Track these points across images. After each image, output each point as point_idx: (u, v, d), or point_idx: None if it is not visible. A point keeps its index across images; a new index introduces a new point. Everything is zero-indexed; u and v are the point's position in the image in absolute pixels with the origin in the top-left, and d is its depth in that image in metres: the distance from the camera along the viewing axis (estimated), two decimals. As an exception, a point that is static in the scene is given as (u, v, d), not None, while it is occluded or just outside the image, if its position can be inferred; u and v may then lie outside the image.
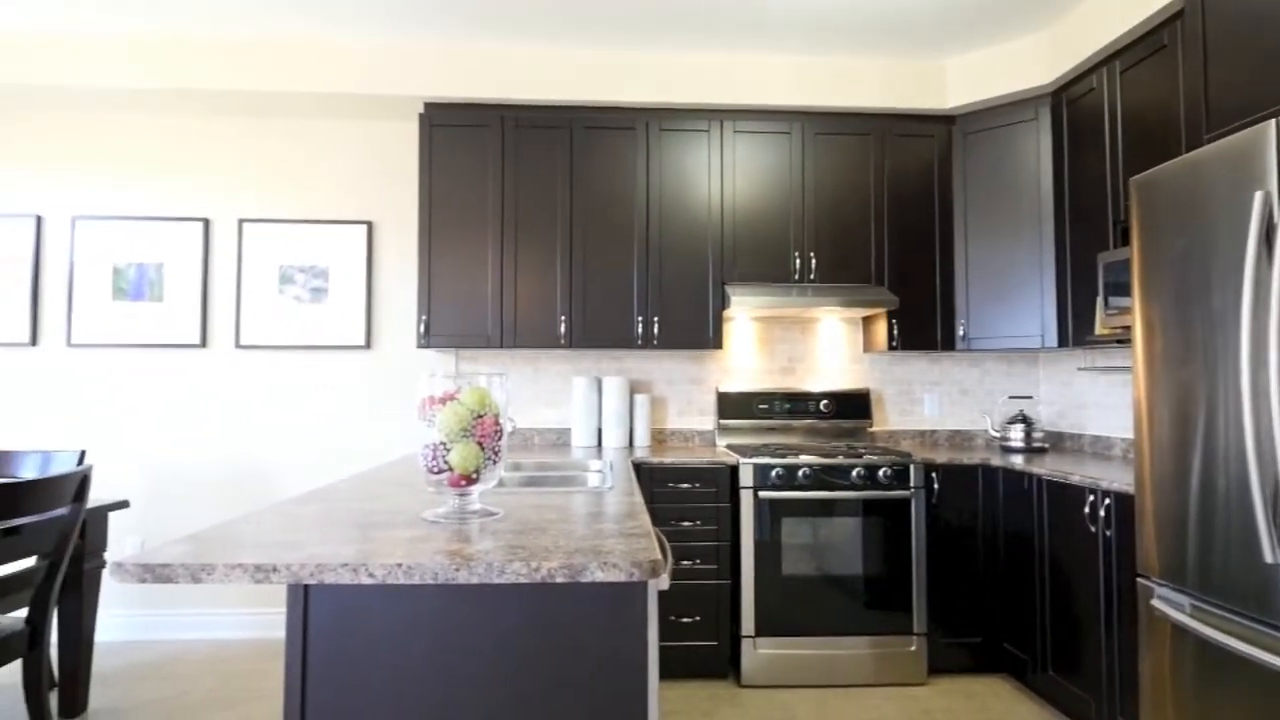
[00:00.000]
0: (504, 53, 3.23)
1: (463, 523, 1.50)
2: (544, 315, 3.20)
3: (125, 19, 3.01)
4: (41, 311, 3.38)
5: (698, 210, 3.27)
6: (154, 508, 3.37)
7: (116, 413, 3.38)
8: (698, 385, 3.56)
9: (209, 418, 3.41)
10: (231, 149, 3.47)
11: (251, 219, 3.44)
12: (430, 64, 3.21)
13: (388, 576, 1.14)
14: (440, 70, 3.21)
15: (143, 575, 1.13)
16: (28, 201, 3.40)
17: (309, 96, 3.23)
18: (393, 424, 3.46)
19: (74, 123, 3.43)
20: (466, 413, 1.50)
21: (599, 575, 1.15)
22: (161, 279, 3.40)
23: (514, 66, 3.23)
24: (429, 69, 3.21)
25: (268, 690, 2.75)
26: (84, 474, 2.25)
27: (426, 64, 3.21)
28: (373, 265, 3.49)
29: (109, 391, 3.38)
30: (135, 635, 3.31)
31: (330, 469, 3.43)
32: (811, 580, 2.86)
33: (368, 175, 3.51)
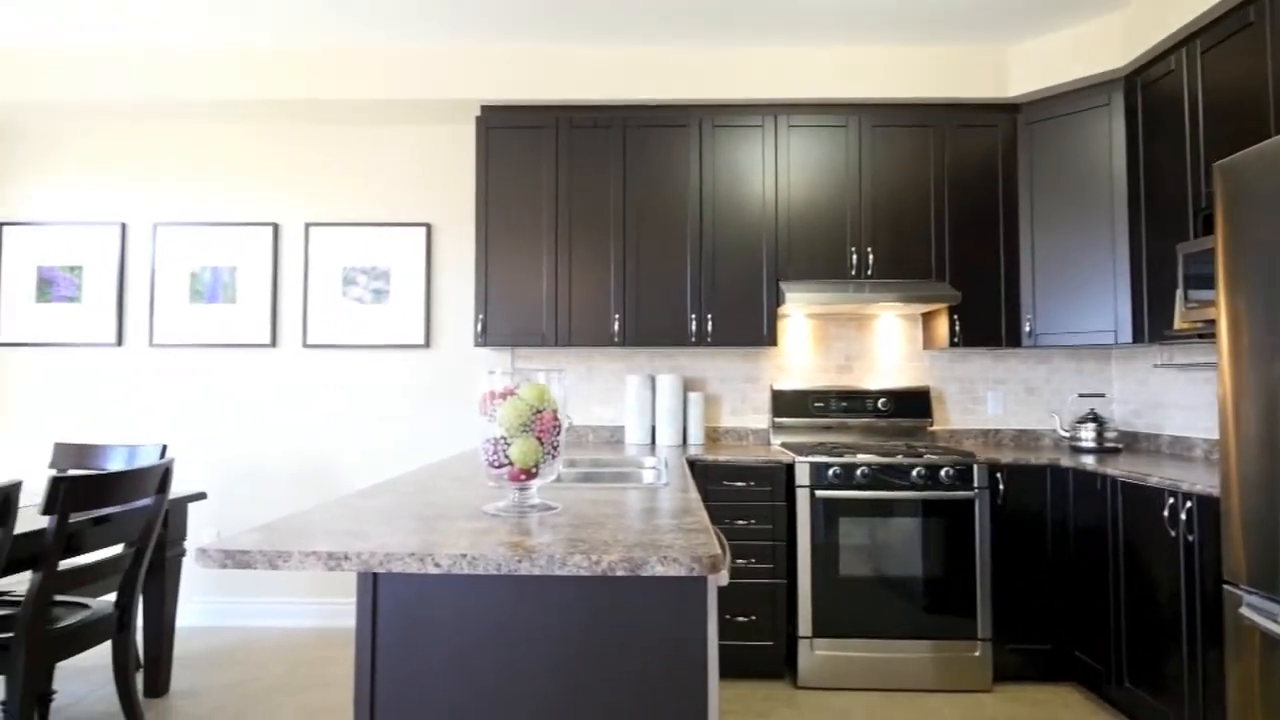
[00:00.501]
0: (558, 55, 3.27)
1: (522, 516, 1.52)
2: (597, 313, 3.22)
3: (195, 35, 3.16)
4: (126, 314, 3.58)
5: (751, 206, 3.25)
6: (227, 499, 3.53)
7: (193, 409, 3.55)
8: (752, 383, 3.53)
9: (278, 414, 3.55)
10: (298, 155, 3.60)
11: (317, 223, 3.57)
12: (486, 68, 3.27)
13: (452, 566, 1.17)
14: (496, 74, 3.27)
15: (224, 561, 1.18)
16: (113, 209, 3.60)
17: (371, 103, 3.33)
18: (450, 421, 3.54)
19: (154, 133, 3.61)
20: (526, 408, 1.53)
21: (659, 570, 1.16)
22: (235, 282, 3.56)
23: (568, 68, 3.26)
24: (485, 73, 3.27)
25: (335, 677, 2.85)
26: (166, 467, 2.37)
27: (483, 68, 3.27)
28: (431, 266, 3.57)
29: (186, 389, 3.56)
30: (211, 621, 3.47)
31: (391, 463, 3.53)
32: (870, 582, 2.80)
33: (427, 178, 3.60)
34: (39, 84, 3.27)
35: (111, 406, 3.55)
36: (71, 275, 3.57)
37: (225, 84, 3.27)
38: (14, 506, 1.82)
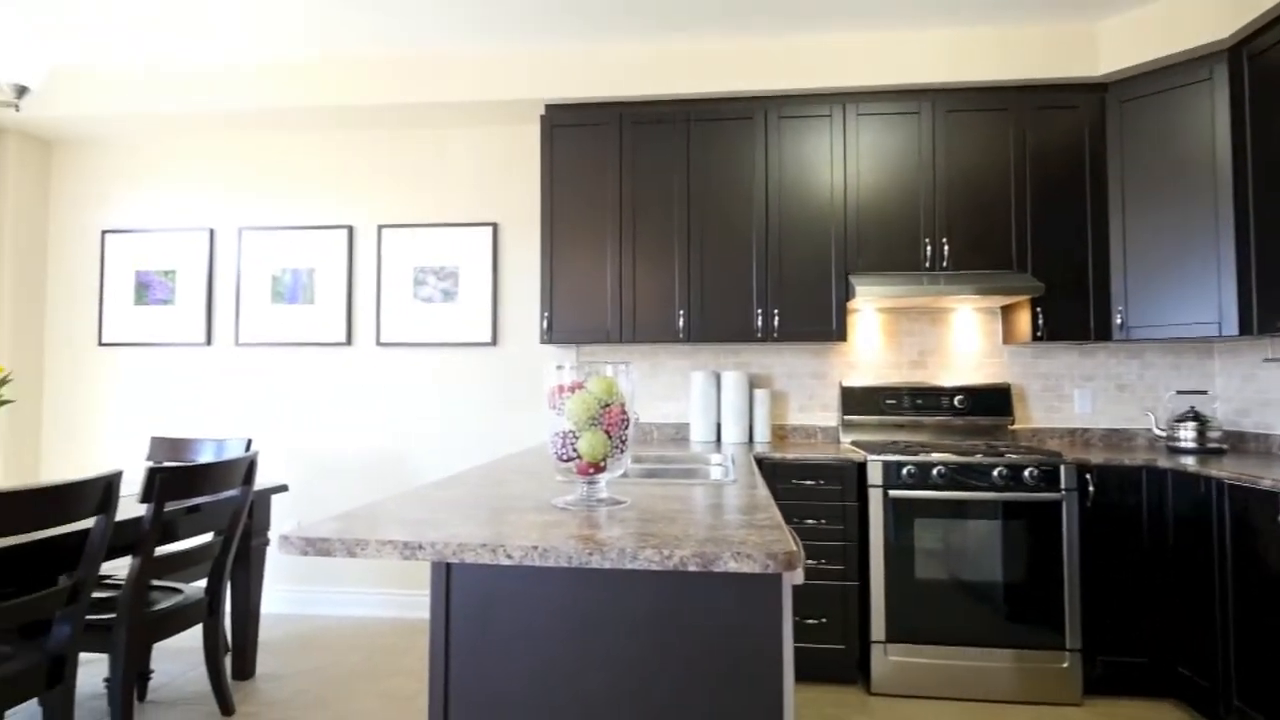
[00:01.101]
0: (621, 51, 3.27)
1: (591, 510, 1.51)
2: (662, 310, 3.20)
3: (274, 49, 3.30)
4: (215, 315, 3.77)
5: (819, 198, 3.16)
6: (307, 491, 3.67)
7: (275, 405, 3.71)
8: (820, 380, 3.44)
9: (353, 410, 3.67)
10: (371, 159, 3.72)
11: (389, 224, 3.68)
12: (550, 67, 3.29)
13: (524, 558, 1.16)
14: (560, 72, 3.29)
15: (305, 548, 1.21)
16: (203, 216, 3.80)
17: (439, 106, 3.40)
18: (517, 416, 3.58)
19: (238, 143, 3.79)
20: (594, 401, 1.52)
21: (732, 565, 1.12)
22: (313, 283, 3.70)
23: (631, 63, 3.26)
24: (549, 72, 3.29)
25: (409, 666, 2.92)
26: (251, 459, 2.48)
27: (547, 68, 3.30)
28: (498, 265, 3.63)
29: (269, 386, 3.72)
30: (293, 609, 3.62)
31: (460, 457, 3.60)
32: (947, 586, 2.69)
33: (493, 178, 3.65)
34: (138, 101, 3.48)
35: (201, 402, 3.75)
36: (166, 279, 3.78)
37: (301, 93, 3.40)
38: (115, 495, 1.93)
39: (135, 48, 3.31)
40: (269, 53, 3.37)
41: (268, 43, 3.27)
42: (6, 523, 1.67)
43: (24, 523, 1.71)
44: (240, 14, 3.03)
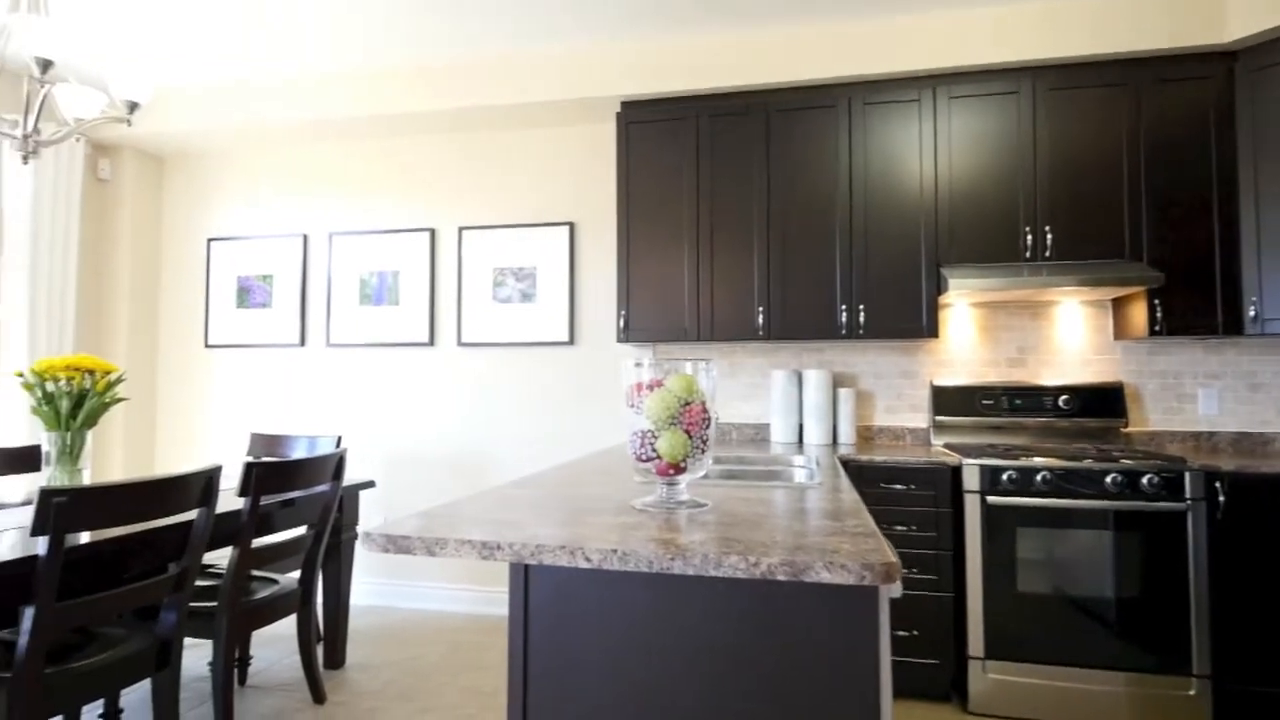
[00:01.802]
0: (696, 43, 3.20)
1: (671, 512, 1.46)
2: (741, 307, 3.12)
3: (353, 60, 3.41)
4: (308, 317, 3.93)
5: (907, 188, 3.00)
6: (392, 487, 3.78)
7: (363, 403, 3.84)
8: (909, 379, 3.27)
9: (436, 408, 3.76)
10: (452, 162, 3.80)
11: (469, 226, 3.74)
12: (624, 63, 3.27)
13: (603, 561, 1.12)
14: (634, 68, 3.26)
15: (386, 545, 1.21)
16: (297, 222, 3.98)
17: (517, 107, 3.44)
18: (594, 416, 3.57)
19: (329, 153, 3.95)
20: (674, 400, 1.46)
21: (825, 576, 1.05)
22: (398, 285, 3.81)
23: (707, 56, 3.19)
24: (624, 68, 3.27)
25: (490, 662, 2.95)
26: (340, 456, 2.56)
27: (621, 64, 3.27)
28: (575, 264, 3.63)
29: (357, 385, 3.85)
30: (379, 601, 3.74)
31: (538, 456, 3.63)
32: (1053, 601, 2.49)
33: (569, 178, 3.66)
34: (235, 115, 3.67)
35: (295, 400, 3.92)
36: (264, 284, 3.98)
37: (384, 100, 3.50)
38: (215, 489, 2.02)
39: (231, 65, 3.49)
40: (353, 63, 3.49)
41: (352, 53, 3.39)
42: (122, 513, 1.76)
43: (136, 513, 1.80)
44: (326, 27, 3.14)
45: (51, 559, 1.63)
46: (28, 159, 2.16)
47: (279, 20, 3.09)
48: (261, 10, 3.01)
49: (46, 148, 2.28)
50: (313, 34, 3.21)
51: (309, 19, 3.08)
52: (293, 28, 3.15)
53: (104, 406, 2.29)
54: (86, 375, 2.24)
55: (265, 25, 3.13)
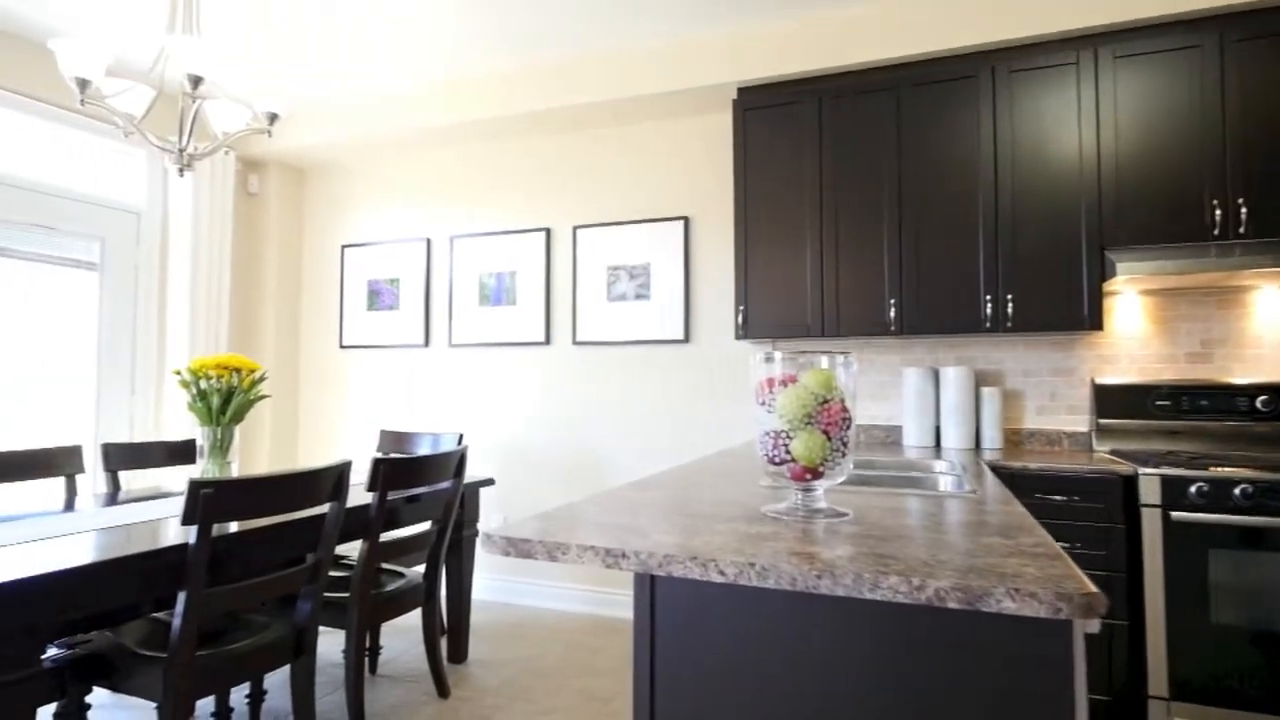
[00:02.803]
0: (816, 20, 3.02)
1: (807, 521, 1.32)
2: (869, 300, 2.90)
3: (468, 66, 3.46)
4: (431, 318, 4.06)
5: (1063, 162, 2.68)
6: (511, 485, 3.83)
7: (482, 402, 3.92)
8: (1064, 376, 2.93)
9: (552, 407, 3.77)
10: (566, 161, 3.80)
11: (583, 224, 3.73)
12: (739, 48, 3.13)
13: (738, 576, 1.01)
14: (750, 53, 3.11)
15: (507, 549, 1.15)
16: (420, 227, 4.12)
17: (629, 101, 3.38)
18: (711, 415, 3.45)
19: (448, 158, 4.07)
20: (810, 397, 1.32)
21: (1008, 605, 0.88)
22: (515, 285, 3.86)
23: (827, 33, 2.99)
24: (738, 54, 3.13)
25: (605, 666, 2.90)
26: (461, 453, 2.58)
27: (736, 49, 3.13)
28: (690, 259, 3.53)
29: (477, 384, 3.94)
30: (498, 598, 3.79)
31: (654, 456, 3.55)
32: (1257, 637, 2.12)
33: (683, 171, 3.56)
34: (361, 126, 3.84)
35: (420, 399, 4.06)
36: (392, 287, 4.15)
37: (498, 104, 3.55)
38: (345, 483, 2.07)
39: (358, 79, 3.66)
40: (468, 70, 3.56)
41: (468, 61, 3.45)
42: (261, 504, 1.83)
43: (274, 505, 1.87)
44: (443, 38, 3.21)
45: (200, 546, 1.71)
46: (183, 171, 2.31)
47: (399, 35, 3.19)
48: (383, 28, 3.12)
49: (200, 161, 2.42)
50: (429, 46, 3.29)
51: (427, 32, 3.16)
52: (412, 41, 3.25)
53: (249, 403, 2.42)
54: (234, 374, 2.37)
55: (386, 40, 3.24)
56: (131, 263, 3.68)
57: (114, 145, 3.62)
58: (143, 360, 3.70)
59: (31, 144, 3.29)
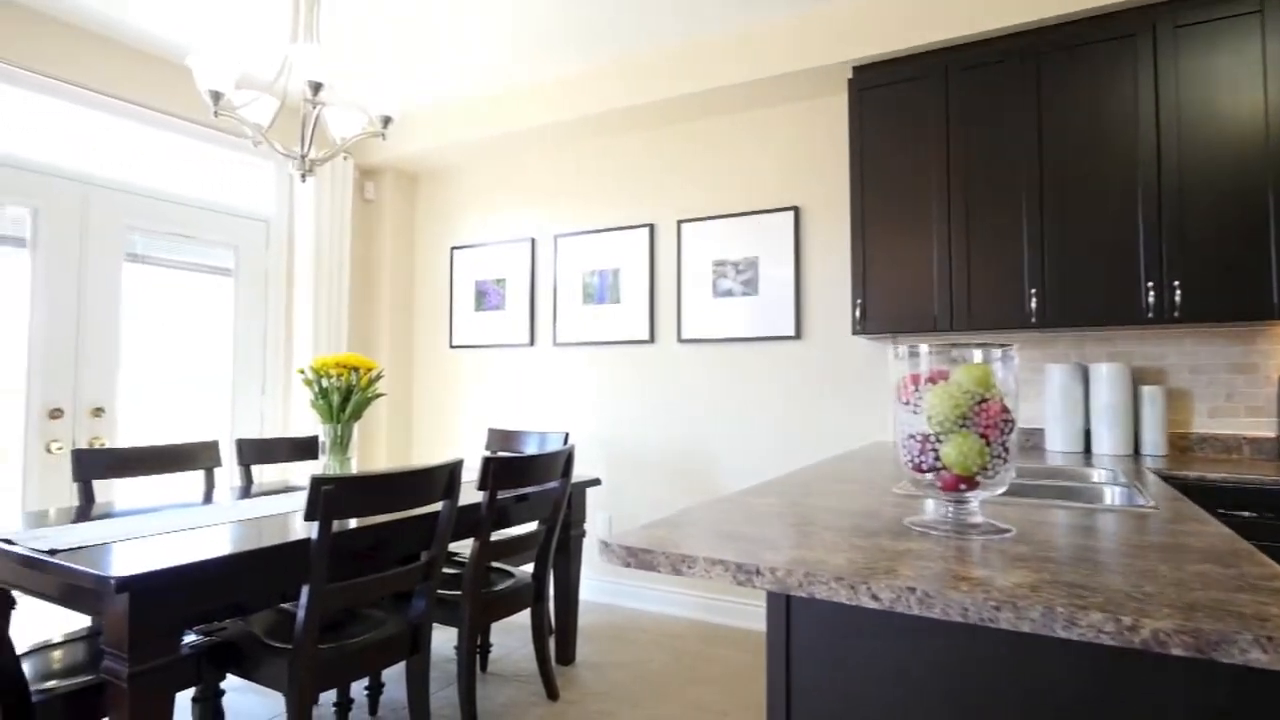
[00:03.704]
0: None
1: (961, 537, 1.16)
2: (1005, 289, 2.64)
3: (567, 63, 3.43)
4: (536, 318, 4.09)
5: (1244, 129, 2.33)
6: (616, 485, 3.78)
7: (587, 400, 3.90)
8: (1245, 373, 2.55)
9: (656, 406, 3.69)
10: (669, 155, 3.71)
11: (687, 219, 3.63)
12: (855, 23, 2.93)
13: (895, 602, 0.87)
14: (866, 27, 2.91)
15: (627, 559, 1.07)
16: (524, 227, 4.15)
17: (735, 88, 3.25)
18: (824, 415, 3.27)
19: (551, 158, 4.07)
20: (964, 396, 1.17)
21: (1256, 657, 0.70)
22: (618, 283, 3.81)
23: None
24: (853, 28, 2.93)
25: (714, 675, 2.79)
26: (569, 453, 2.54)
27: (850, 23, 2.94)
28: (800, 251, 3.35)
29: (581, 383, 3.92)
30: (602, 598, 3.75)
31: (763, 457, 3.40)
32: None
33: (793, 159, 3.39)
34: (472, 129, 3.91)
35: (526, 398, 4.09)
36: (498, 287, 4.21)
37: (597, 100, 3.50)
38: (457, 482, 2.07)
39: (462, 83, 3.71)
40: (570, 68, 3.53)
41: (568, 60, 3.43)
42: (378, 501, 1.85)
43: (390, 502, 1.88)
44: (552, 37, 3.19)
45: (322, 541, 1.73)
46: (305, 177, 2.39)
47: (499, 35, 3.20)
48: (482, 28, 3.14)
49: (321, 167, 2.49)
50: (529, 45, 3.29)
51: (527, 30, 3.15)
52: (512, 41, 3.25)
53: (366, 401, 2.48)
54: (352, 372, 2.44)
55: (487, 42, 3.26)
56: (262, 268, 3.91)
57: (246, 158, 3.86)
58: (272, 360, 3.92)
59: (173, 159, 3.55)
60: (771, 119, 3.46)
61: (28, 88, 2.99)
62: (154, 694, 1.52)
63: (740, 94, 3.31)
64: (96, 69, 3.17)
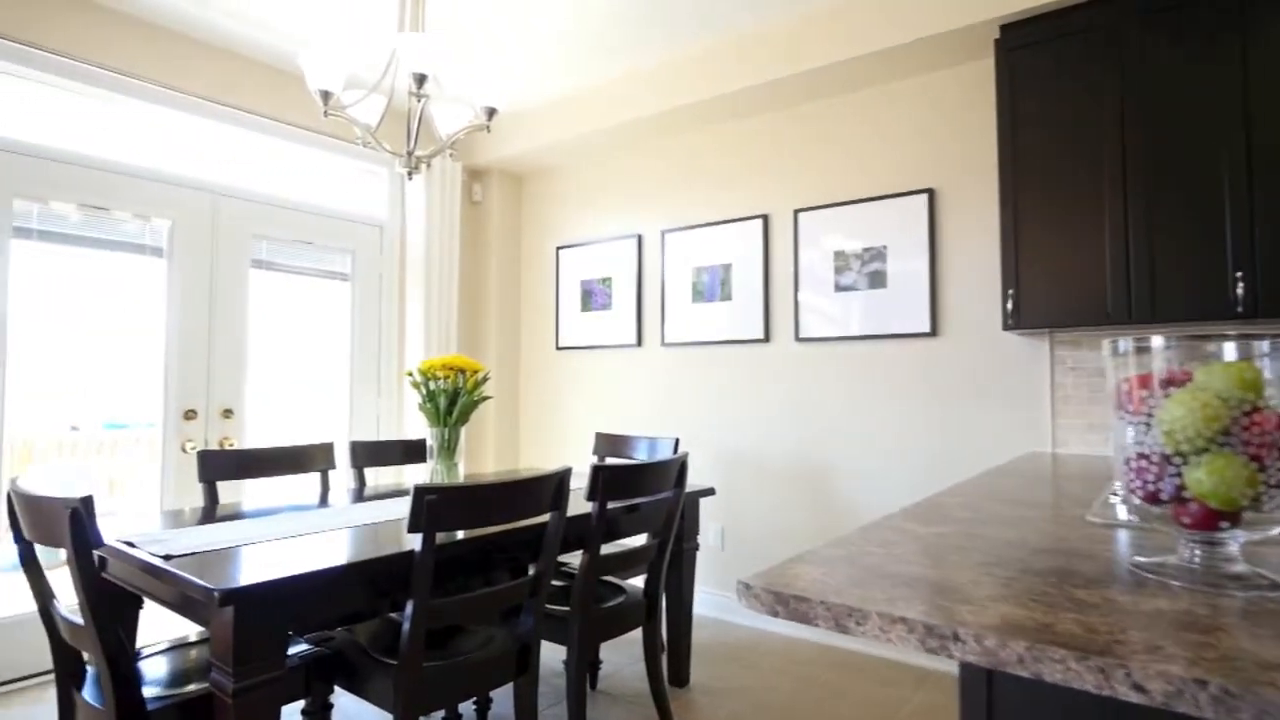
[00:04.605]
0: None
1: (1220, 593, 0.87)
2: (1201, 274, 2.21)
3: (666, 48, 3.24)
4: (643, 317, 3.93)
5: None
6: (728, 493, 3.56)
7: (696, 404, 3.70)
8: None
9: (771, 409, 3.44)
10: (783, 140, 3.45)
11: (805, 207, 3.35)
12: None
13: (1173, 698, 0.62)
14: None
15: (774, 607, 0.86)
16: (630, 224, 4.01)
17: (854, 62, 2.95)
18: (966, 422, 2.91)
19: (655, 151, 3.90)
20: (1220, 406, 0.88)
21: None
22: (730, 279, 3.59)
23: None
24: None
25: (845, 713, 2.51)
26: (682, 461, 2.35)
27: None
28: (936, 239, 3.01)
29: (690, 385, 3.72)
30: (712, 613, 3.54)
31: (893, 469, 3.08)
32: None
33: (926, 137, 3.05)
34: (575, 126, 3.80)
35: (633, 400, 3.94)
36: (604, 286, 4.09)
37: (703, 86, 3.29)
38: (566, 491, 1.92)
39: (563, 76, 3.61)
40: (673, 50, 3.35)
41: (670, 41, 3.24)
42: (483, 512, 1.73)
43: (496, 513, 1.76)
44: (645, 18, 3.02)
45: (425, 554, 1.63)
46: (411, 174, 2.34)
47: (607, 21, 3.06)
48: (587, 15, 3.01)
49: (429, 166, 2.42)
50: (633, 31, 3.13)
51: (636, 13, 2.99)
52: (621, 26, 3.10)
53: (474, 404, 2.39)
54: (459, 374, 2.36)
55: (597, 29, 3.13)
56: (376, 272, 3.97)
57: (362, 165, 3.94)
58: (386, 362, 3.98)
59: (294, 168, 3.65)
60: (900, 93, 3.13)
61: (167, 105, 3.14)
62: (259, 709, 1.46)
63: (864, 68, 3.01)
64: (221, 82, 3.30)
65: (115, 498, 3.06)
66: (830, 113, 3.32)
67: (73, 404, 2.94)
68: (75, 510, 1.40)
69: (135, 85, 3.03)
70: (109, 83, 2.96)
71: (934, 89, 3.04)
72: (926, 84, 3.06)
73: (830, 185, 3.31)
